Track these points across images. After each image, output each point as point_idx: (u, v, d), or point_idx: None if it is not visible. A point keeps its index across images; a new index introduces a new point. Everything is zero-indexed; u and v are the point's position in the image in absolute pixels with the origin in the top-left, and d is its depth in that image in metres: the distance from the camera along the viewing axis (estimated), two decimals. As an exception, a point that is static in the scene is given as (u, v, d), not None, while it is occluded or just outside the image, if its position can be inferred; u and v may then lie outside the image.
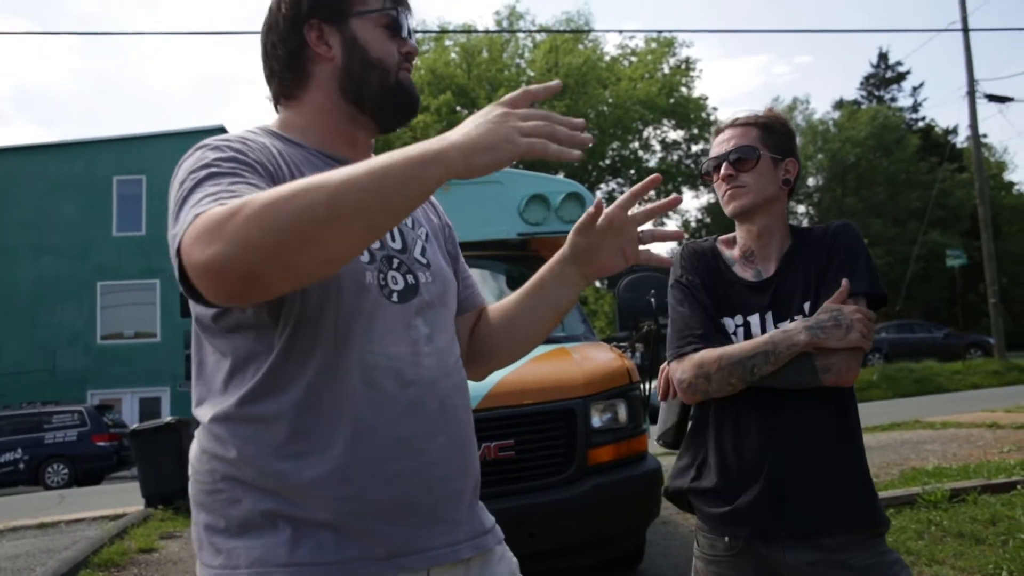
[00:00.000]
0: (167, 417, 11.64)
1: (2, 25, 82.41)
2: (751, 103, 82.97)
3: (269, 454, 1.21)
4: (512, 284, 5.62)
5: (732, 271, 1.97)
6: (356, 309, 1.25)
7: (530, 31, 31.77)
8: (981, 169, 22.55)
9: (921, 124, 38.73)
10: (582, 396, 4.18)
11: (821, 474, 1.81)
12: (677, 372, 1.89)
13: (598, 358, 4.64)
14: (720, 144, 1.99)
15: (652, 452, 4.61)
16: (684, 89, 32.62)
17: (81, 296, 25.46)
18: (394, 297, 1.30)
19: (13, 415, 18.15)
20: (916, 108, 39.61)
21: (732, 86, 77.09)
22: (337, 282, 1.23)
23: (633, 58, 33.10)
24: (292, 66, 1.39)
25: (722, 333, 1.90)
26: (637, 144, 33.35)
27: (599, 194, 32.77)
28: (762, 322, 1.88)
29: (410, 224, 1.42)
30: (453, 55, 30.95)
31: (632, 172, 33.72)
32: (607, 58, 32.68)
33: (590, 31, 31.60)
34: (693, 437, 1.97)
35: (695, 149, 34.03)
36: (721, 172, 1.96)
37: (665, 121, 32.87)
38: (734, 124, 1.99)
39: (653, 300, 4.77)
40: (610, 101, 31.11)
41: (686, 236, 1.76)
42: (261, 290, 1.04)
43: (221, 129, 25.80)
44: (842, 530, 1.79)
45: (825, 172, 35.33)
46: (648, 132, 33.39)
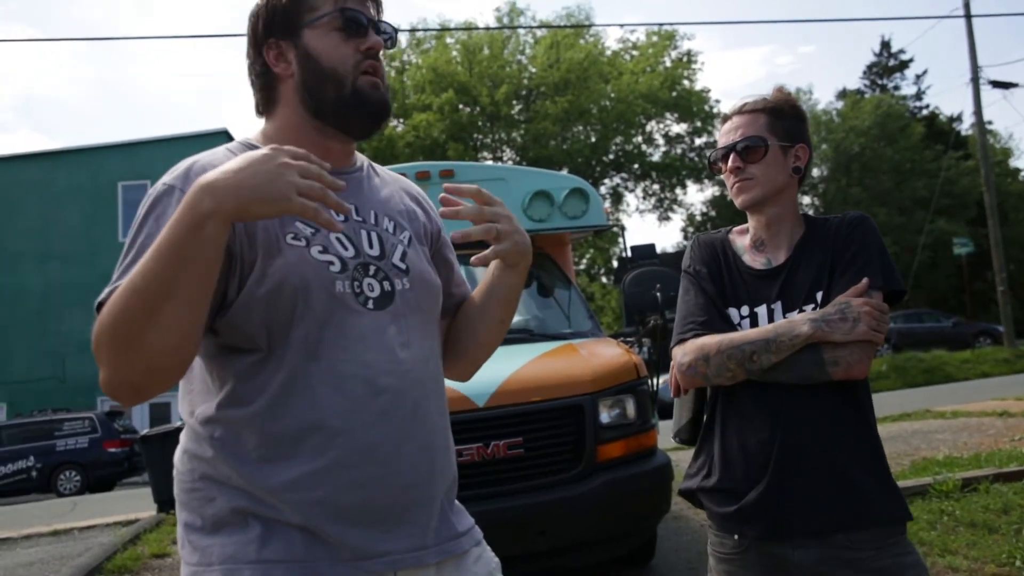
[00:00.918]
0: (177, 422, 11.66)
1: (4, 33, 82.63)
2: (755, 93, 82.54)
3: (242, 456, 1.27)
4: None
5: (741, 260, 1.92)
6: (326, 318, 1.29)
7: (531, 27, 31.71)
8: (986, 156, 22.43)
9: (925, 112, 38.55)
10: (590, 392, 4.17)
11: (830, 469, 1.74)
12: (678, 355, 1.86)
13: (605, 354, 4.63)
14: (727, 133, 1.92)
15: (662, 447, 4.60)
16: (686, 82, 32.54)
17: (89, 302, 24.59)
18: (370, 304, 1.33)
19: (24, 423, 18.22)
20: (920, 96, 39.45)
21: (735, 77, 76.94)
22: (305, 293, 1.27)
23: (634, 52, 33.03)
24: (262, 86, 1.44)
25: (727, 322, 1.86)
26: (640, 138, 33.29)
27: (603, 189, 32.74)
28: (769, 313, 1.83)
29: (391, 229, 1.44)
30: (454, 53, 30.93)
31: (636, 166, 33.67)
32: (608, 52, 32.62)
33: (591, 26, 31.53)
34: (705, 434, 1.93)
35: (699, 142, 33.96)
36: (729, 164, 1.89)
37: (668, 114, 32.79)
38: (742, 111, 1.91)
39: (659, 295, 4.76)
40: (612, 96, 31.05)
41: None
42: (149, 392, 1.20)
43: (224, 132, 25.88)
44: (854, 528, 1.72)
45: (829, 162, 35.18)
46: (651, 126, 33.34)
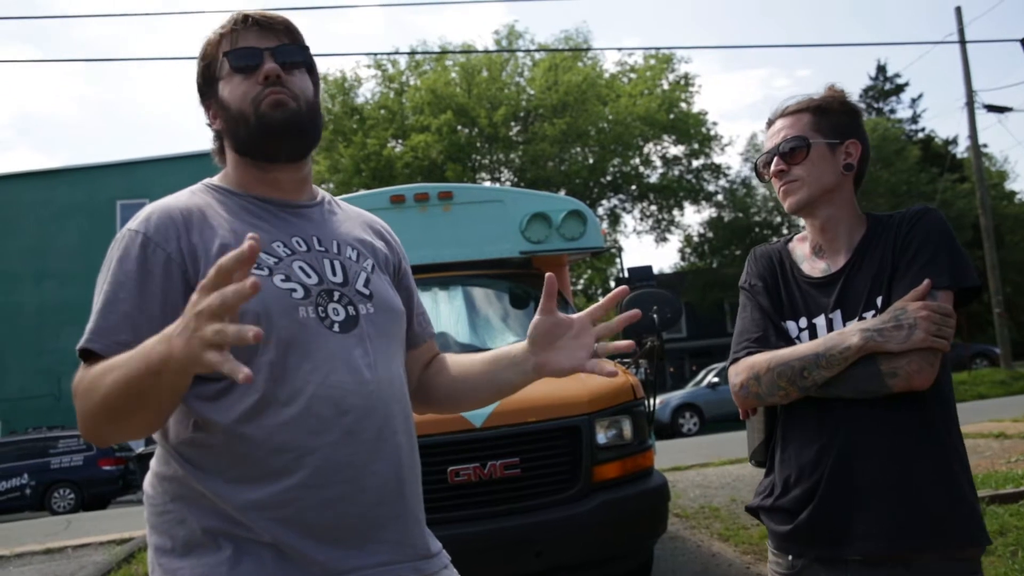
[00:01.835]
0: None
1: (4, 52, 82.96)
2: (752, 116, 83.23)
3: (214, 476, 1.31)
4: (515, 302, 5.64)
5: (799, 269, 1.83)
6: (291, 342, 1.33)
7: (529, 50, 31.92)
8: (982, 179, 22.58)
9: (921, 135, 38.78)
10: (587, 413, 4.18)
11: (893, 488, 1.62)
12: (731, 376, 1.79)
13: (602, 375, 4.63)
14: (771, 137, 1.84)
15: (657, 467, 4.61)
16: (684, 104, 32.71)
17: (85, 321, 25.06)
18: (335, 328, 1.38)
19: (19, 440, 18.14)
20: (915, 119, 39.69)
21: (733, 100, 77.46)
22: (268, 320, 1.31)
23: (632, 75, 33.21)
24: (214, 138, 1.55)
25: (783, 337, 1.76)
26: (638, 160, 33.40)
27: (601, 210, 32.82)
28: (828, 323, 1.73)
29: (354, 257, 1.50)
30: (453, 75, 31.10)
31: (633, 188, 33.77)
32: (606, 75, 32.81)
33: (589, 49, 31.75)
34: (771, 453, 1.84)
35: (696, 164, 34.09)
36: (772, 168, 1.82)
37: (665, 136, 32.90)
38: (785, 113, 1.84)
39: (656, 316, 4.78)
40: (610, 118, 31.19)
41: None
42: (121, 442, 1.36)
43: (223, 152, 25.96)
44: (921, 553, 1.60)
45: (826, 184, 35.30)
46: (648, 148, 33.44)
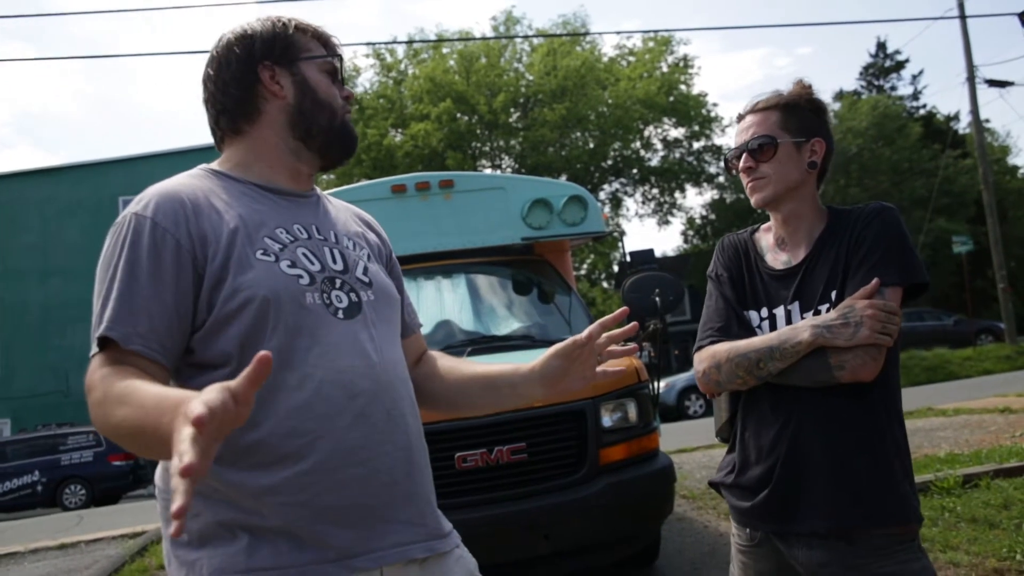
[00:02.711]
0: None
1: (3, 50, 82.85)
2: (753, 95, 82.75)
3: (227, 467, 1.30)
4: (517, 289, 5.66)
5: (763, 261, 1.93)
6: (299, 328, 1.34)
7: (527, 36, 31.81)
8: (984, 155, 22.49)
9: (922, 112, 38.56)
10: (591, 396, 4.21)
11: (836, 471, 1.74)
12: (695, 362, 1.91)
13: (606, 358, 4.66)
14: (741, 133, 1.93)
15: (664, 449, 4.64)
16: (683, 87, 32.61)
17: (91, 317, 25.52)
18: (340, 314, 1.40)
19: (29, 438, 18.24)
20: (916, 96, 39.48)
21: (734, 79, 77.15)
22: (277, 305, 1.33)
23: (631, 58, 33.11)
24: (244, 102, 1.49)
25: (745, 327, 1.88)
26: (638, 143, 33.35)
27: (602, 195, 32.76)
28: (787, 315, 1.84)
29: (351, 246, 1.52)
30: (451, 62, 31.02)
31: (634, 171, 33.73)
32: (605, 59, 32.70)
33: (587, 34, 31.63)
34: (734, 432, 1.96)
35: (696, 146, 34.02)
36: (741, 164, 1.91)
37: (666, 119, 32.85)
38: (754, 110, 1.93)
39: (658, 299, 4.80)
40: (610, 102, 31.12)
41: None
42: None
43: (224, 146, 25.95)
44: (857, 531, 1.73)
45: (828, 163, 35.18)
46: (649, 131, 33.39)
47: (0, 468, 17.09)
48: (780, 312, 1.85)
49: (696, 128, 33.14)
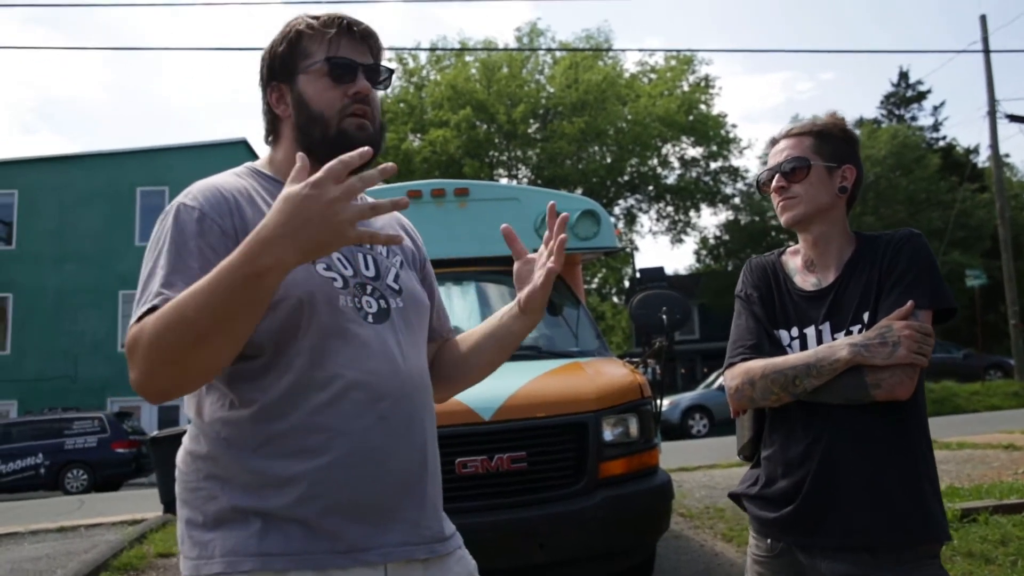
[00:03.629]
0: (185, 425, 11.75)
1: (27, 35, 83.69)
2: (774, 119, 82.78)
3: (247, 453, 1.36)
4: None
5: (792, 282, 1.98)
6: (331, 329, 1.40)
7: (550, 49, 31.92)
8: (1002, 189, 22.43)
9: (942, 143, 38.45)
10: (594, 410, 4.24)
11: (864, 487, 1.79)
12: (727, 379, 1.94)
13: (610, 373, 4.70)
14: (774, 156, 2.01)
15: (665, 467, 4.67)
16: (703, 106, 32.64)
17: (103, 305, 25.78)
18: (369, 319, 1.45)
19: (34, 421, 18.41)
20: (937, 127, 39.37)
21: (756, 102, 77.12)
22: (312, 305, 1.38)
23: (653, 75, 33.17)
24: (268, 119, 1.58)
25: (776, 345, 1.92)
26: (656, 161, 33.36)
27: (617, 210, 32.78)
28: (818, 334, 1.88)
29: (385, 253, 1.58)
30: (473, 71, 31.15)
31: (650, 188, 33.74)
32: (627, 75, 32.77)
33: (610, 49, 31.71)
34: (759, 449, 2.01)
35: (714, 166, 34.01)
36: (774, 184, 1.97)
37: (684, 138, 32.85)
38: (788, 135, 2.00)
39: (664, 317, 4.84)
40: (629, 118, 31.17)
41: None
42: (176, 395, 1.30)
43: (243, 142, 26.10)
44: (880, 547, 1.76)
45: (844, 190, 35.08)
46: (667, 149, 33.40)
47: (4, 449, 17.26)
48: (811, 332, 1.89)
49: (714, 148, 33.13)
